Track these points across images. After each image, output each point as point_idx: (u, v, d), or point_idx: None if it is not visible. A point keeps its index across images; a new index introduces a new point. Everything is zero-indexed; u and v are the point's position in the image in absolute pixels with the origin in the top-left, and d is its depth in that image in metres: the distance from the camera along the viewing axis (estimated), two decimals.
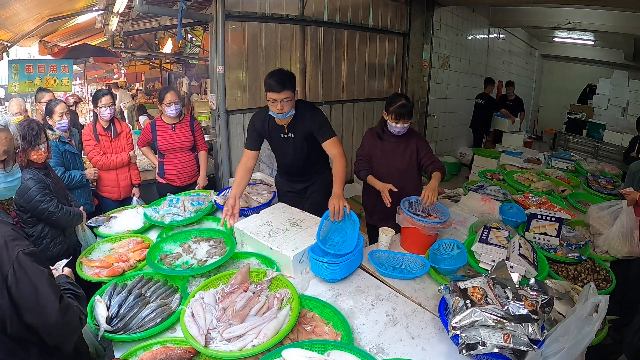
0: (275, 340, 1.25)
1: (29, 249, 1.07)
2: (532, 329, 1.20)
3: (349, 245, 1.79)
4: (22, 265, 1.02)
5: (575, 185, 3.20)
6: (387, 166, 2.41)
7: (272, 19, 4.01)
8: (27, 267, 1.03)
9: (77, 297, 1.24)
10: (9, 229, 1.08)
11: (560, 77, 9.73)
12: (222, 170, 3.93)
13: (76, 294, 1.24)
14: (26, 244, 1.07)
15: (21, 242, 1.07)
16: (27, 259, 1.03)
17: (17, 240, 1.06)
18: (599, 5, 5.29)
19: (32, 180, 1.99)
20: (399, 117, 2.28)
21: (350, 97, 5.11)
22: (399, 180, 2.34)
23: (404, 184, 2.35)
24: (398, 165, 2.41)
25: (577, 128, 6.57)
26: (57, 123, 2.66)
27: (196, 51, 7.57)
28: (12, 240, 1.05)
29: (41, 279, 1.05)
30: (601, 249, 2.20)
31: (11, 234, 1.06)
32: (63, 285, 1.26)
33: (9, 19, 4.18)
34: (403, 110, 2.27)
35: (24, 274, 1.02)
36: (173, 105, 2.91)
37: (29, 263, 1.04)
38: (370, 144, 2.47)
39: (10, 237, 1.05)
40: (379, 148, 2.44)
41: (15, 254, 1.02)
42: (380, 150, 2.43)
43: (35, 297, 1.03)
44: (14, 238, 1.06)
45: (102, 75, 11.26)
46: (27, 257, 1.04)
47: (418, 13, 5.48)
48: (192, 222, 2.23)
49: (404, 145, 2.40)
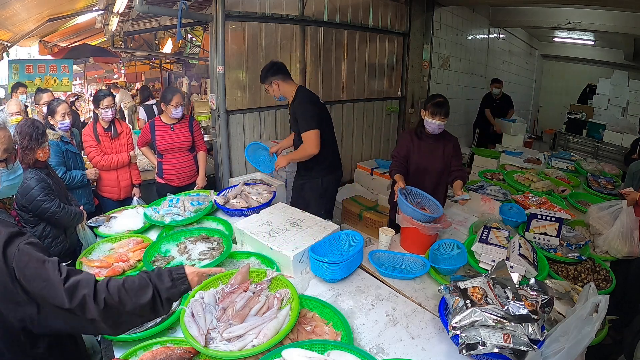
0: (275, 340, 1.25)
1: (30, 239, 1.04)
2: (532, 329, 1.20)
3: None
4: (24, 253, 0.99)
5: (575, 185, 3.20)
6: (425, 166, 2.45)
7: (272, 19, 4.01)
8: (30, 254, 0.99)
9: (141, 280, 1.13)
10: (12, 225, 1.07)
11: (560, 77, 9.73)
12: (222, 170, 3.93)
13: (144, 279, 1.13)
14: (28, 236, 1.05)
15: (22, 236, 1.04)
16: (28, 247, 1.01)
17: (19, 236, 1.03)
18: (599, 5, 5.28)
19: (34, 180, 2.00)
20: (435, 114, 2.32)
21: (350, 97, 5.11)
22: (434, 180, 2.42)
23: (437, 184, 2.43)
24: (435, 166, 2.44)
25: (577, 128, 6.56)
26: (58, 123, 2.66)
27: (196, 51, 7.57)
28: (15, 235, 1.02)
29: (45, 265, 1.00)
30: (601, 249, 2.20)
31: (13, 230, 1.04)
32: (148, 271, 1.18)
33: (9, 19, 4.19)
34: (440, 106, 2.32)
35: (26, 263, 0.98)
36: (180, 108, 2.92)
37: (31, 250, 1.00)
38: (407, 144, 2.49)
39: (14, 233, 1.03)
40: (416, 148, 2.46)
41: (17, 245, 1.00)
42: (417, 150, 2.46)
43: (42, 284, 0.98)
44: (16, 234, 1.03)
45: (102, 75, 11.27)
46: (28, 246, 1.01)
47: (418, 13, 5.48)
48: (192, 222, 2.23)
49: (442, 147, 2.43)
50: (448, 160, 2.44)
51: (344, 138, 5.14)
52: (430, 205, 2.14)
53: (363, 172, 4.69)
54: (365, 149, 5.48)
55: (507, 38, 8.07)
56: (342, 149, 5.09)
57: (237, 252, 1.90)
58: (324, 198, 2.81)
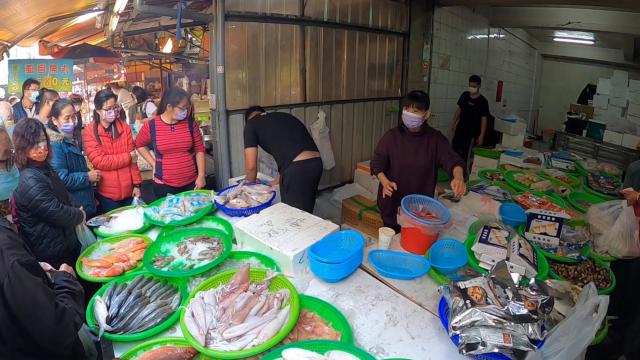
0: (275, 340, 1.25)
1: (25, 258, 1.07)
2: (532, 329, 1.20)
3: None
4: (18, 275, 1.03)
5: (575, 185, 3.20)
6: (410, 164, 2.45)
7: (272, 19, 4.01)
8: (23, 276, 1.04)
9: (73, 295, 1.24)
10: (5, 237, 1.08)
11: (560, 77, 9.74)
12: (222, 170, 3.93)
13: (72, 292, 1.24)
14: (22, 253, 1.08)
15: (17, 251, 1.07)
16: (22, 269, 1.04)
17: (14, 249, 1.06)
18: (599, 5, 5.29)
19: (32, 179, 1.99)
20: (408, 105, 2.33)
21: (350, 97, 5.11)
22: (419, 178, 2.39)
23: (425, 182, 2.42)
24: (420, 164, 2.44)
25: (577, 128, 6.56)
26: (62, 125, 2.65)
27: (196, 51, 7.57)
28: (8, 248, 1.05)
29: (37, 288, 1.06)
30: (601, 249, 2.20)
31: (7, 242, 1.07)
32: (58, 284, 1.26)
33: (9, 19, 4.18)
34: (413, 97, 2.32)
35: (19, 283, 1.03)
36: (185, 110, 2.93)
37: (25, 273, 1.04)
38: (389, 142, 2.49)
39: (6, 245, 1.05)
40: (399, 147, 2.46)
41: (10, 263, 1.03)
42: (401, 149, 2.46)
43: (31, 307, 1.04)
44: (10, 246, 1.06)
45: (102, 75, 11.26)
46: (22, 267, 1.04)
47: (418, 13, 5.48)
48: (192, 222, 2.23)
49: (425, 145, 2.43)
50: (433, 156, 2.43)
51: (344, 138, 5.14)
52: (431, 205, 2.14)
53: (363, 172, 4.69)
54: (365, 149, 5.48)
55: (507, 38, 8.07)
56: (342, 149, 5.14)
57: (237, 252, 1.90)
58: (294, 187, 2.86)
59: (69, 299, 1.19)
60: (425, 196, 2.17)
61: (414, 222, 1.92)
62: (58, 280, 1.29)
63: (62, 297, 1.19)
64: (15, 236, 1.14)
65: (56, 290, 1.24)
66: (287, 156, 2.86)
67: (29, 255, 1.11)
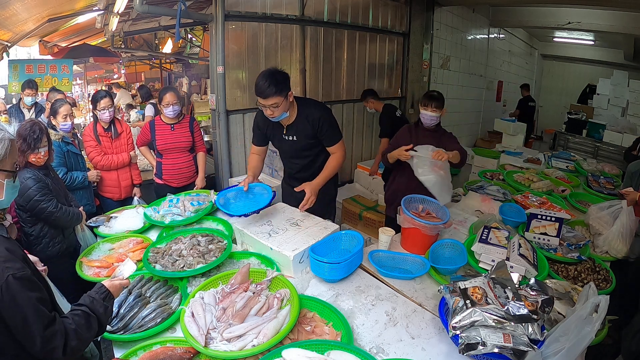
0: (275, 340, 1.25)
1: (20, 273, 1.04)
2: (532, 329, 1.20)
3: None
4: (10, 290, 1.01)
5: (575, 185, 3.20)
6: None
7: (272, 19, 4.01)
8: (15, 291, 1.02)
9: (87, 316, 1.15)
10: (2, 249, 1.06)
11: (560, 77, 9.74)
12: (222, 170, 3.93)
13: (88, 313, 1.16)
14: (18, 267, 1.05)
15: (13, 264, 1.05)
16: (16, 284, 1.02)
17: (9, 262, 1.04)
18: (599, 5, 5.28)
19: (31, 179, 1.99)
20: (426, 105, 2.43)
21: (350, 97, 5.10)
22: None
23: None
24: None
25: (577, 128, 6.57)
26: (60, 124, 2.66)
27: (196, 51, 7.57)
28: (3, 261, 1.04)
29: (28, 307, 1.03)
30: (601, 249, 2.20)
31: (4, 255, 1.05)
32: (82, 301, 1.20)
33: (9, 19, 4.18)
34: (431, 98, 2.43)
35: (11, 299, 1.01)
36: (171, 107, 2.91)
37: (18, 288, 1.02)
38: (405, 136, 2.54)
39: (2, 258, 1.04)
40: (414, 139, 2.49)
41: (5, 277, 1.01)
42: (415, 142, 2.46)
43: (20, 324, 1.02)
44: (6, 259, 1.04)
45: (102, 75, 11.24)
46: (16, 282, 1.02)
47: (418, 13, 5.48)
48: (192, 222, 2.23)
49: (438, 139, 2.46)
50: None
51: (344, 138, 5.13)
52: (431, 205, 2.14)
53: (363, 172, 4.69)
54: (365, 149, 5.48)
55: (507, 38, 8.07)
56: None
57: (237, 252, 1.90)
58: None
59: (79, 318, 1.13)
60: (425, 196, 2.17)
61: (414, 222, 1.92)
62: (85, 296, 1.22)
63: (73, 315, 1.14)
64: (15, 247, 1.12)
65: (73, 306, 1.19)
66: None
67: (26, 268, 1.08)
